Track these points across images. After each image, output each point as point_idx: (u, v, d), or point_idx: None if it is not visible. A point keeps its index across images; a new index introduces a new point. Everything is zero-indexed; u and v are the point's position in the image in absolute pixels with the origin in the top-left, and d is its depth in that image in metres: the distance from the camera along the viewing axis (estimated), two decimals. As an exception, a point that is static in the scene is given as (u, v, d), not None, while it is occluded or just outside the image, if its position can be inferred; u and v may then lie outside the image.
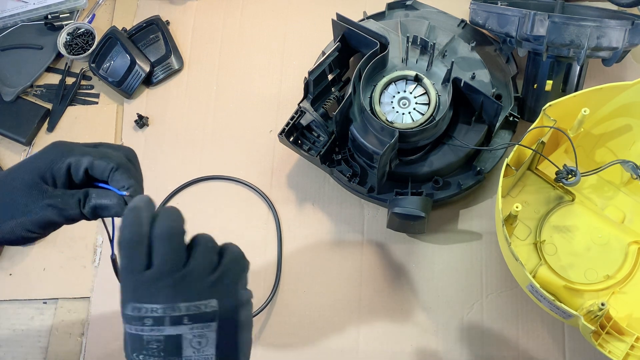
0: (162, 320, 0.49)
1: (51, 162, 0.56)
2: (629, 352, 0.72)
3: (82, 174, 0.56)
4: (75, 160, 0.56)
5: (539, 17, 0.82)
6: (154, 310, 0.48)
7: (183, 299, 0.49)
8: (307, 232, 0.91)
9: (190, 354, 0.49)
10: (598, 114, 0.83)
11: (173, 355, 0.49)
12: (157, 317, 0.49)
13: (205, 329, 0.49)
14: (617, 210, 0.86)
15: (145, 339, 0.49)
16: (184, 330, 0.49)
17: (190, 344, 0.49)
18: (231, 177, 0.94)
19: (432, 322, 0.85)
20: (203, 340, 0.49)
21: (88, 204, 0.56)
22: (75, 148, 0.57)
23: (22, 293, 0.90)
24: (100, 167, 0.56)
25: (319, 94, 0.86)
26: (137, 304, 0.49)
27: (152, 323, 0.49)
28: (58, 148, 0.57)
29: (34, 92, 1.01)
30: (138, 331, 0.49)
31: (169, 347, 0.49)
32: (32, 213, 0.55)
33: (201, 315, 0.49)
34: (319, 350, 0.85)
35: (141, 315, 0.49)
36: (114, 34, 0.99)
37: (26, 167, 0.56)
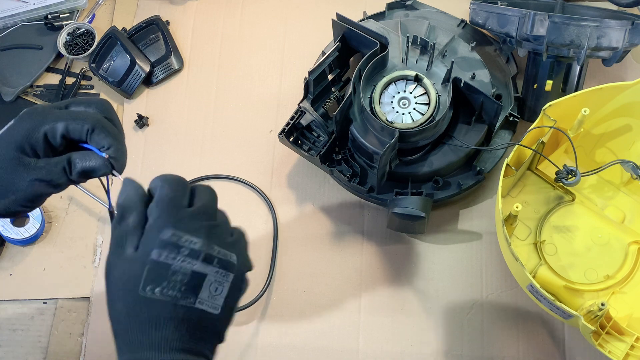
0: (198, 254, 0.50)
1: (27, 133, 0.55)
2: (629, 352, 0.72)
3: (59, 139, 0.56)
4: (49, 128, 0.55)
5: (539, 17, 0.82)
6: (193, 243, 0.50)
7: (217, 243, 0.51)
8: (307, 232, 0.91)
9: (205, 297, 0.51)
10: (598, 114, 0.83)
11: (191, 292, 0.50)
12: (194, 249, 0.50)
13: (225, 277, 0.52)
14: (617, 210, 0.86)
15: (172, 269, 0.49)
16: (210, 271, 0.51)
17: (209, 287, 0.51)
18: (231, 176, 0.94)
19: (432, 322, 0.85)
20: (219, 288, 0.51)
21: (74, 170, 0.56)
22: (47, 114, 0.56)
23: (22, 293, 0.90)
24: (76, 130, 0.55)
25: (319, 94, 0.86)
26: (178, 231, 0.50)
27: (188, 253, 0.50)
28: (30, 117, 0.56)
29: (34, 92, 1.01)
30: (168, 259, 0.49)
31: (192, 282, 0.50)
32: (21, 190, 0.55)
33: (227, 263, 0.52)
34: (319, 350, 0.85)
35: (180, 244, 0.50)
36: (114, 34, 0.99)
37: (3, 143, 0.55)
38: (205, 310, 0.51)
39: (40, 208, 0.91)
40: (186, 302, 0.50)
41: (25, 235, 0.89)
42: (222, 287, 0.51)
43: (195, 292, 0.50)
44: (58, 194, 0.60)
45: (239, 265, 0.53)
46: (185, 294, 0.50)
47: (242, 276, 0.54)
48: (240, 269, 0.53)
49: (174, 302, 0.49)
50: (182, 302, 0.49)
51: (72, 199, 0.94)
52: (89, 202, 0.93)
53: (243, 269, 0.54)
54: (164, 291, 0.49)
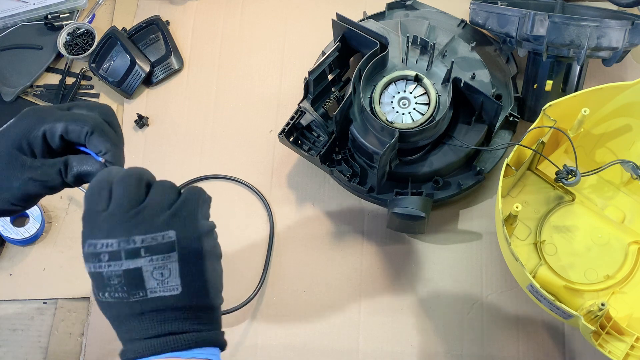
0: (119, 254, 0.49)
1: (26, 131, 0.55)
2: (629, 352, 0.72)
3: (58, 140, 0.55)
4: (49, 127, 0.55)
5: (539, 17, 0.82)
6: (109, 245, 0.49)
7: (139, 233, 0.49)
8: (307, 232, 0.91)
9: (154, 286, 0.49)
10: (598, 114, 0.83)
11: (136, 288, 0.49)
12: (112, 251, 0.49)
13: (165, 260, 0.50)
14: (617, 210, 0.86)
15: (105, 276, 0.49)
16: (142, 263, 0.49)
17: (152, 275, 0.49)
18: (230, 176, 0.94)
19: (432, 322, 0.85)
20: (165, 272, 0.50)
21: (70, 173, 0.56)
22: (48, 114, 0.56)
23: (22, 293, 0.90)
24: (75, 131, 0.55)
25: (319, 94, 0.86)
26: (92, 240, 0.50)
27: (108, 258, 0.49)
28: (31, 116, 0.56)
29: (34, 92, 1.01)
30: (97, 269, 0.49)
31: (130, 280, 0.49)
32: (14, 188, 0.55)
33: (159, 246, 0.49)
34: (319, 350, 0.85)
35: (97, 252, 0.49)
36: (114, 34, 0.99)
37: (1, 139, 0.55)
38: (164, 296, 0.50)
39: (40, 208, 0.91)
40: (137, 298, 0.49)
41: (25, 235, 0.89)
42: (168, 269, 0.50)
43: (141, 286, 0.49)
44: (58, 193, 0.60)
45: (182, 237, 0.50)
46: (131, 292, 0.49)
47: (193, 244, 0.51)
48: (187, 238, 0.50)
49: (125, 301, 0.50)
50: (132, 299, 0.50)
51: (72, 199, 0.94)
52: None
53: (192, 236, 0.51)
54: (112, 294, 0.50)
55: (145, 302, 0.50)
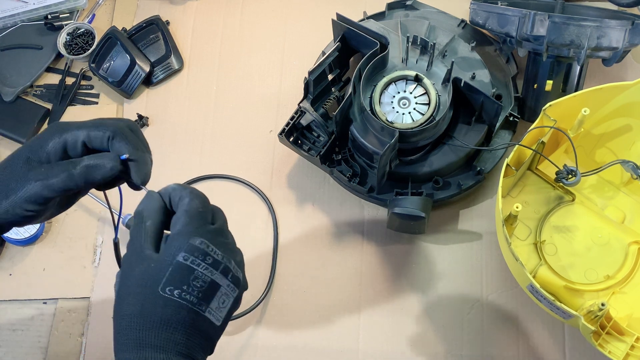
0: (219, 265, 0.53)
1: (44, 142, 0.55)
2: (629, 352, 0.72)
3: (80, 149, 0.55)
4: (71, 136, 0.55)
5: (539, 17, 0.82)
6: (217, 254, 0.53)
7: (233, 260, 0.54)
8: (307, 232, 0.91)
9: (214, 307, 0.53)
10: (598, 114, 0.83)
11: (205, 300, 0.52)
12: (217, 260, 0.53)
13: (232, 292, 0.54)
14: (617, 210, 0.86)
15: (195, 274, 0.52)
16: (224, 283, 0.53)
17: (219, 299, 0.53)
18: (231, 176, 0.94)
19: (432, 322, 0.85)
20: (226, 301, 0.54)
21: (79, 165, 0.54)
22: (71, 125, 0.56)
23: (22, 293, 0.90)
24: (98, 137, 0.55)
25: (319, 94, 0.86)
26: (207, 241, 0.53)
27: (211, 262, 0.52)
28: (54, 128, 0.56)
29: (34, 92, 1.01)
30: (194, 264, 0.52)
31: (208, 291, 0.52)
32: (22, 190, 0.54)
33: (236, 278, 0.54)
34: (319, 351, 0.85)
35: (207, 252, 0.52)
36: (114, 34, 0.99)
37: (23, 149, 0.56)
38: (210, 320, 0.52)
39: (40, 208, 0.91)
40: (199, 309, 0.52)
41: (25, 235, 0.89)
42: (228, 300, 0.54)
43: (208, 301, 0.52)
44: None
45: (243, 283, 0.56)
46: (200, 301, 0.52)
47: (241, 294, 0.56)
48: (243, 285, 0.56)
49: (189, 306, 0.51)
50: (196, 308, 0.51)
51: (72, 199, 0.94)
52: (89, 203, 0.93)
53: (244, 286, 0.56)
54: (182, 294, 0.51)
55: (199, 316, 0.52)
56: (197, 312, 0.51)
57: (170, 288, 0.51)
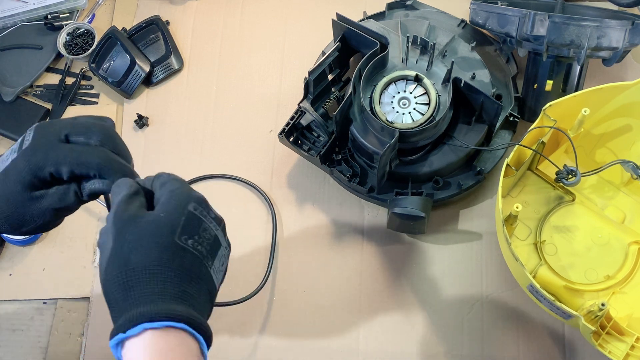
0: (220, 222, 0.53)
1: (33, 171, 0.55)
2: (629, 352, 0.72)
3: (67, 178, 0.56)
4: (54, 170, 0.55)
5: (539, 17, 0.82)
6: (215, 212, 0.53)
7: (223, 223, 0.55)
8: (307, 232, 0.91)
9: (216, 266, 0.52)
10: (598, 114, 0.83)
11: (211, 255, 0.51)
12: (218, 217, 0.53)
13: (226, 255, 0.54)
14: (617, 211, 0.86)
15: (204, 226, 0.51)
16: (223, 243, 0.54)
17: (220, 258, 0.53)
18: (231, 175, 0.94)
19: (432, 322, 0.85)
20: (225, 263, 0.54)
21: (85, 192, 0.57)
22: (49, 154, 0.54)
23: (22, 293, 0.90)
24: (83, 172, 0.55)
25: (319, 94, 0.86)
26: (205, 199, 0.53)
27: (214, 217, 0.53)
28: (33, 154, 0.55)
29: (34, 92, 1.01)
30: (202, 215, 0.51)
31: (213, 246, 0.52)
32: (36, 219, 0.56)
33: (229, 242, 0.55)
34: (319, 351, 0.85)
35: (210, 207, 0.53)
36: (113, 34, 0.99)
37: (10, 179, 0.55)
38: (213, 279, 0.52)
39: (40, 208, 0.91)
40: (207, 264, 0.51)
41: (25, 235, 0.89)
42: (225, 264, 0.53)
43: (213, 257, 0.51)
44: None
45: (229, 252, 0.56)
46: (208, 254, 0.51)
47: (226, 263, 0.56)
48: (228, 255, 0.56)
49: (201, 258, 0.50)
50: (206, 262, 0.51)
51: (72, 199, 0.94)
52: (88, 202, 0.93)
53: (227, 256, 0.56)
54: (195, 245, 0.50)
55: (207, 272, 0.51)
56: (206, 267, 0.51)
57: (185, 237, 0.49)
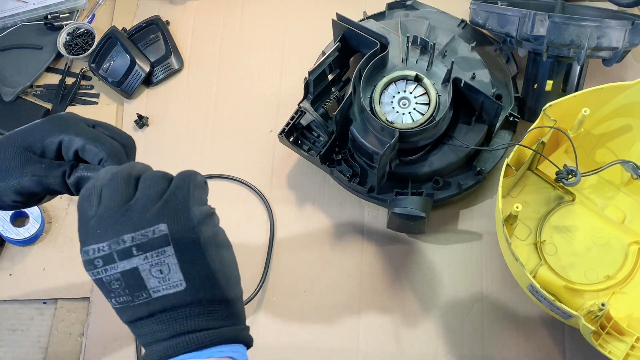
0: (111, 257, 0.47)
1: (43, 135, 0.54)
2: (629, 352, 0.72)
3: (72, 155, 0.55)
4: (67, 139, 0.54)
5: (539, 17, 0.82)
6: (101, 250, 0.47)
7: (128, 231, 0.47)
8: (307, 232, 0.91)
9: (155, 285, 0.47)
10: (598, 114, 0.83)
11: (138, 289, 0.47)
12: (105, 255, 0.47)
13: (161, 255, 0.47)
14: (617, 211, 0.86)
15: (105, 281, 0.47)
16: (137, 262, 0.47)
17: (151, 273, 0.47)
18: (230, 176, 0.94)
19: (432, 322, 0.85)
20: (164, 268, 0.47)
21: (74, 175, 0.55)
22: (72, 126, 0.55)
23: (22, 293, 0.90)
24: (91, 152, 0.54)
25: (319, 94, 0.86)
26: (85, 247, 0.48)
27: (102, 263, 0.47)
28: (54, 122, 0.55)
29: (34, 92, 1.01)
30: (96, 275, 0.48)
31: (130, 282, 0.47)
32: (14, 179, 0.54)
33: (150, 241, 0.47)
34: (319, 350, 0.85)
35: (90, 258, 0.47)
36: (113, 34, 0.99)
37: (20, 136, 0.55)
38: (168, 294, 0.47)
39: (40, 208, 0.91)
40: (141, 300, 0.47)
41: (25, 235, 0.89)
42: (165, 265, 0.47)
43: (142, 287, 0.47)
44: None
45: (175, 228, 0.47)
46: (134, 294, 0.47)
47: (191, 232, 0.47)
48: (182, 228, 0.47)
49: (131, 304, 0.48)
50: (138, 302, 0.48)
51: (72, 199, 0.94)
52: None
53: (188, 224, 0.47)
54: (119, 300, 0.48)
55: (150, 302, 0.47)
56: (145, 302, 0.47)
57: (110, 299, 0.48)
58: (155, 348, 0.48)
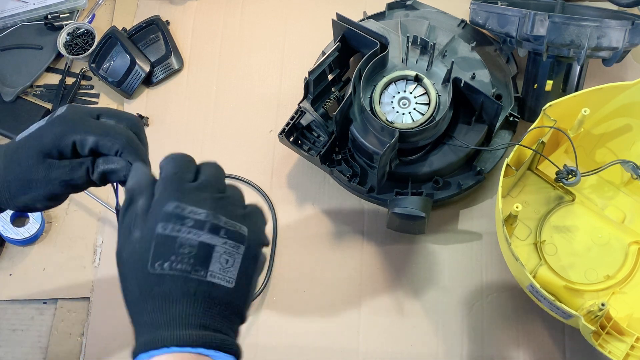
0: (203, 225, 0.49)
1: (56, 139, 0.55)
2: (629, 352, 0.72)
3: (87, 151, 0.56)
4: (79, 138, 0.55)
5: (539, 17, 0.82)
6: (197, 213, 0.49)
7: (223, 214, 0.50)
8: (307, 232, 0.91)
9: (216, 270, 0.49)
10: (598, 114, 0.83)
11: (201, 265, 0.49)
12: (199, 220, 0.49)
13: (235, 249, 0.50)
14: (617, 210, 0.86)
15: (179, 242, 0.49)
16: (218, 242, 0.49)
17: (219, 259, 0.50)
18: (231, 175, 0.94)
19: (432, 322, 0.85)
20: (230, 260, 0.50)
21: (97, 170, 0.57)
22: (79, 124, 0.56)
23: (22, 293, 0.90)
24: (106, 146, 0.56)
25: (319, 94, 0.86)
26: (181, 203, 0.50)
27: (192, 224, 0.49)
28: (61, 123, 0.56)
29: (34, 92, 1.01)
30: (174, 231, 0.49)
31: (200, 254, 0.49)
32: (42, 188, 0.56)
33: (235, 234, 0.50)
34: (319, 350, 0.85)
35: (184, 215, 0.49)
36: (114, 34, 0.99)
37: (32, 143, 0.56)
38: (218, 284, 0.49)
39: (40, 208, 0.91)
40: (197, 275, 0.49)
41: (25, 235, 0.89)
42: (233, 259, 0.50)
43: (206, 265, 0.49)
44: None
45: (251, 237, 0.51)
46: (195, 267, 0.48)
47: (255, 249, 0.52)
48: (254, 241, 0.52)
49: (185, 275, 0.48)
50: (193, 276, 0.48)
51: (72, 199, 0.94)
52: (89, 202, 0.93)
53: (257, 242, 0.52)
54: (173, 265, 0.48)
55: (202, 283, 0.49)
56: (197, 279, 0.48)
57: (159, 263, 0.48)
58: (184, 332, 0.48)
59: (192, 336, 0.48)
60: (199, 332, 0.48)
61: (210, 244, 0.49)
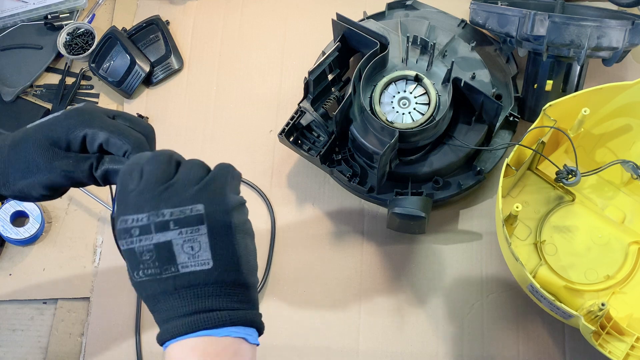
0: (148, 228, 0.50)
1: (67, 129, 0.56)
2: (629, 352, 0.72)
3: (96, 147, 0.56)
4: (92, 133, 0.56)
5: (539, 17, 0.82)
6: (139, 220, 0.50)
7: (167, 206, 0.50)
8: (307, 232, 0.91)
9: (185, 260, 0.50)
10: (598, 114, 0.83)
11: (168, 263, 0.50)
12: (142, 225, 0.50)
13: (194, 233, 0.50)
14: (617, 210, 0.86)
15: (137, 251, 0.50)
16: (172, 236, 0.49)
17: (183, 249, 0.50)
18: (231, 177, 0.94)
19: (432, 322, 0.85)
20: (195, 245, 0.50)
21: (101, 168, 0.57)
22: (95, 119, 0.56)
23: (22, 293, 0.90)
24: (116, 145, 0.56)
25: (319, 94, 0.86)
26: (124, 216, 0.50)
27: (139, 233, 0.50)
28: (77, 116, 0.56)
29: (34, 92, 1.01)
30: (129, 244, 0.50)
31: (161, 255, 0.50)
32: (43, 175, 0.56)
33: (187, 218, 0.50)
34: (319, 350, 0.85)
35: (128, 227, 0.50)
36: (113, 34, 0.99)
37: (43, 130, 0.56)
38: (194, 271, 0.50)
39: (40, 208, 0.91)
40: (169, 273, 0.50)
41: (25, 235, 0.89)
42: (198, 242, 0.50)
43: (172, 261, 0.50)
44: None
45: (210, 210, 0.50)
46: (163, 267, 0.50)
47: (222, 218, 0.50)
48: (217, 212, 0.50)
49: (157, 278, 0.50)
50: (165, 275, 0.50)
51: (72, 199, 0.94)
52: (89, 202, 0.93)
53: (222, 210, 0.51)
54: (145, 272, 0.50)
55: (177, 277, 0.50)
56: (173, 276, 0.50)
57: (135, 272, 0.50)
58: (175, 323, 0.50)
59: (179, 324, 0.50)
60: (190, 318, 0.50)
61: (165, 241, 0.50)
